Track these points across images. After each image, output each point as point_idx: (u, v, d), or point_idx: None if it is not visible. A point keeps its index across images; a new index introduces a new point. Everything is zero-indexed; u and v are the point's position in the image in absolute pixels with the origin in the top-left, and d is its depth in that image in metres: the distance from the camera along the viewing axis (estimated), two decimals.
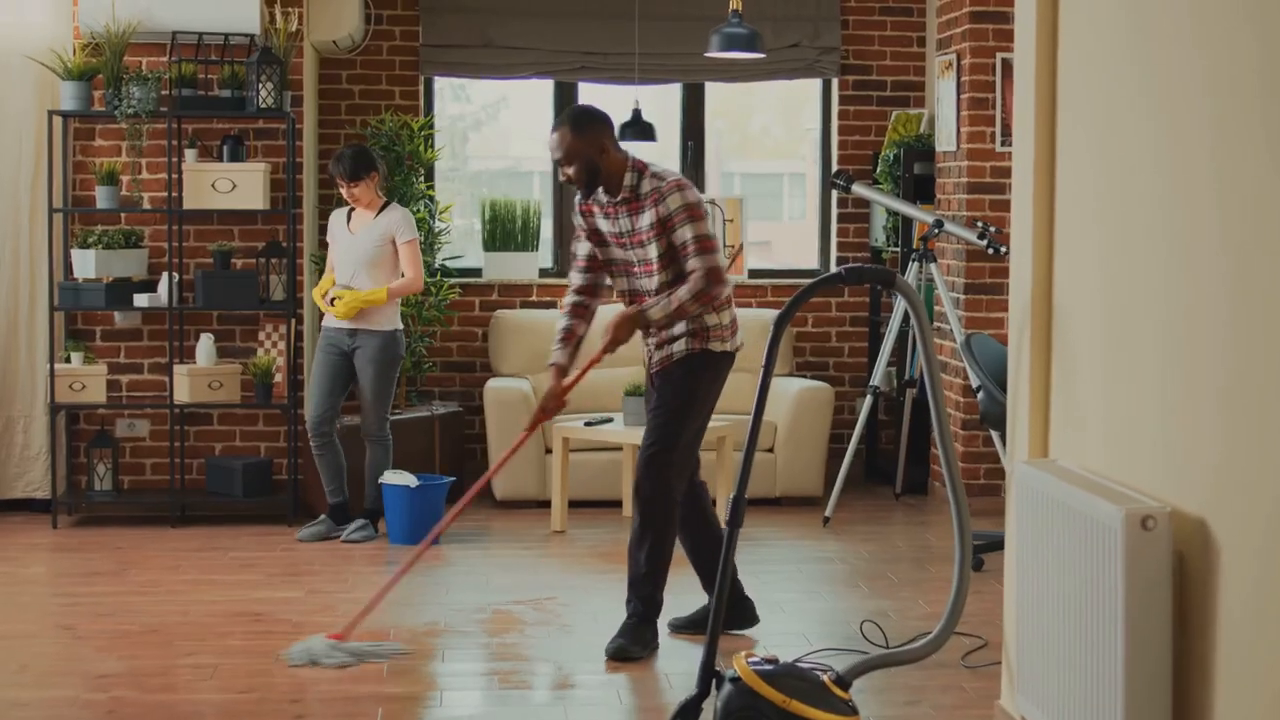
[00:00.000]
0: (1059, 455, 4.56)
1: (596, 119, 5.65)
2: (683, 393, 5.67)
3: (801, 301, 4.69)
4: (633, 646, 5.62)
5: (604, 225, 5.73)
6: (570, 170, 5.62)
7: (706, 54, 7.86)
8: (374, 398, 7.39)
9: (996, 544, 7.21)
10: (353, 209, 7.41)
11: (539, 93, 9.39)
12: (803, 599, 6.59)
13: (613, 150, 5.62)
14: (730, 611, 5.82)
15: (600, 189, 5.65)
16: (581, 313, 5.82)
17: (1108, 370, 4.18)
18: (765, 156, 10.62)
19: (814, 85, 9.46)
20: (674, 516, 5.70)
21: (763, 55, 7.92)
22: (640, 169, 5.64)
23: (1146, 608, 3.71)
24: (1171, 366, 3.78)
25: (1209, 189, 3.60)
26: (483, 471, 8.60)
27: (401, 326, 7.54)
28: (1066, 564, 4.08)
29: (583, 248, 5.83)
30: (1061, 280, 4.57)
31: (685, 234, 5.54)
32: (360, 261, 7.32)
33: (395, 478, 7.44)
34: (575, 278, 5.86)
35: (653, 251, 5.59)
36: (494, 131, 9.75)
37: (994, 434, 7.86)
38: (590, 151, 5.58)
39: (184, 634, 5.90)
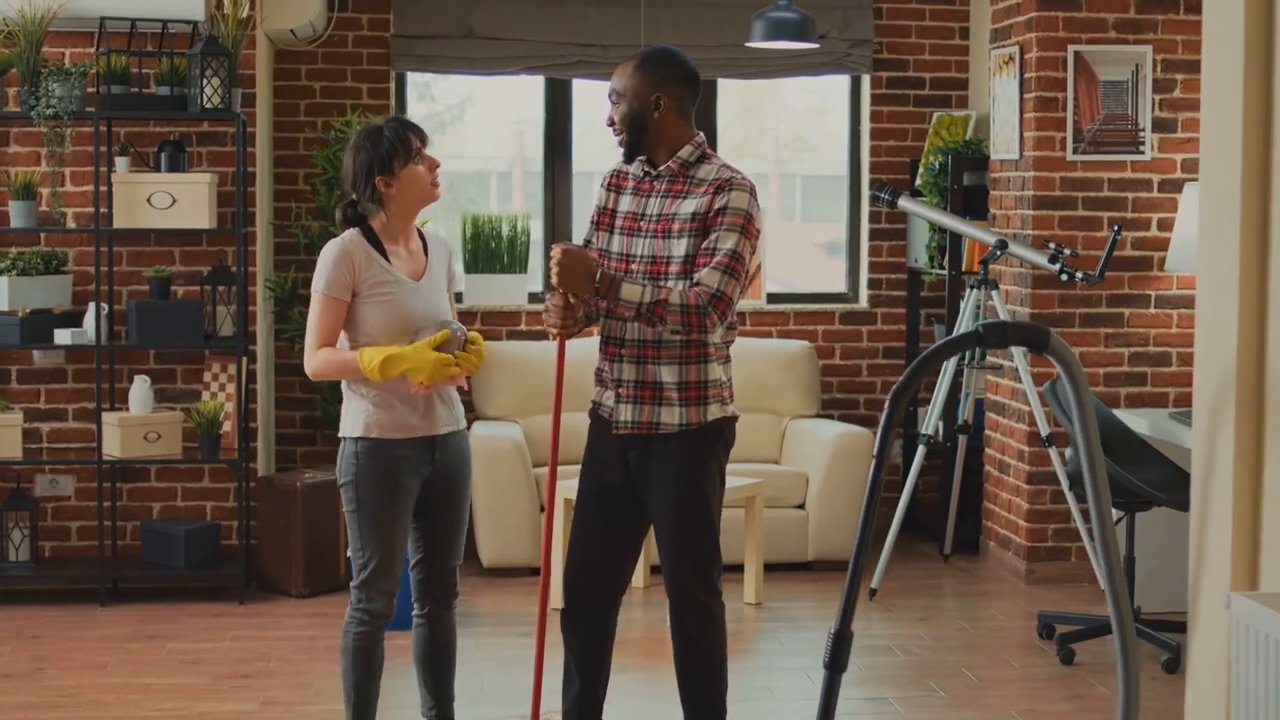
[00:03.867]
0: (1273, 582, 3.39)
1: (674, 65, 4.40)
2: (698, 494, 4.41)
3: (927, 369, 3.50)
4: None
5: (624, 204, 4.47)
6: (616, 112, 4.41)
7: (749, 43, 6.66)
8: (462, 531, 4.76)
9: (1096, 629, 6.07)
10: (377, 243, 4.52)
11: (518, 90, 8.17)
12: (871, 712, 5.41)
13: (674, 112, 4.38)
14: None
15: (643, 158, 4.43)
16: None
17: None
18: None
19: (796, 83, 8.29)
20: (725, 648, 4.54)
21: (815, 45, 6.73)
22: (706, 153, 4.44)
23: None
24: None
25: None
26: (471, 537, 7.35)
27: None
28: None
29: (588, 233, 4.59)
30: (1278, 344, 3.40)
31: (725, 241, 4.28)
32: (435, 313, 4.60)
33: None
34: None
35: (679, 248, 4.33)
36: (457, 134, 8.48)
37: (1073, 507, 6.71)
38: (645, 97, 4.35)
39: None
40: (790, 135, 8.79)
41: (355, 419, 4.50)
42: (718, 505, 4.49)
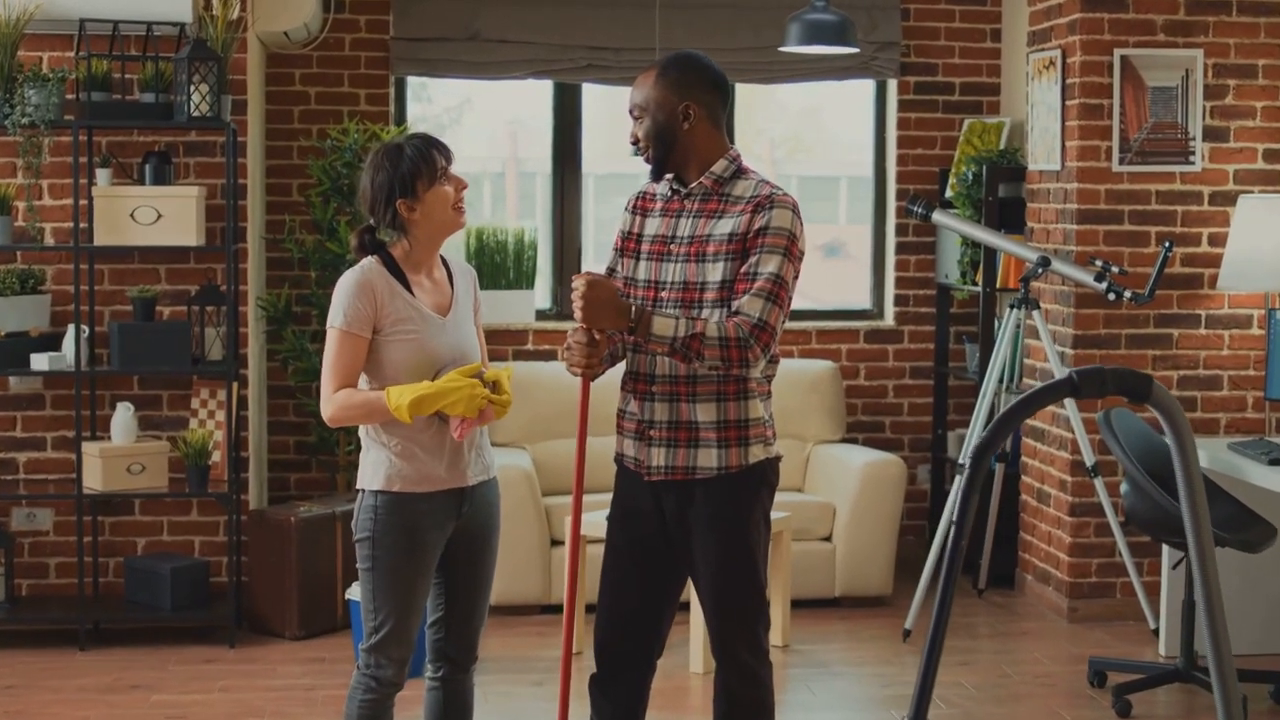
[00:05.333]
0: None
1: (701, 69, 3.96)
2: (742, 546, 3.97)
3: (1015, 423, 3.07)
4: None
5: (651, 226, 4.02)
6: (639, 128, 3.95)
7: (783, 48, 6.21)
8: (487, 590, 4.29)
9: (1155, 678, 5.64)
10: (399, 273, 4.06)
11: (517, 91, 7.73)
12: None
13: (705, 121, 3.93)
14: None
15: (670, 175, 3.99)
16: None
17: None
18: None
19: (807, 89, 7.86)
20: (773, 713, 4.11)
21: (855, 50, 6.29)
22: (742, 167, 3.98)
23: None
24: None
25: None
26: None
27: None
28: None
29: (612, 260, 4.12)
30: None
31: (768, 265, 3.82)
32: (463, 350, 4.14)
33: None
34: None
35: (715, 272, 3.87)
36: (453, 137, 8.01)
37: (1120, 541, 6.29)
38: (672, 107, 3.90)
39: None
40: (785, 135, 8.37)
41: (375, 470, 4.03)
42: (763, 557, 4.05)
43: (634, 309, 3.84)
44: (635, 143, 3.99)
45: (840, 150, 8.46)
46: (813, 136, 8.53)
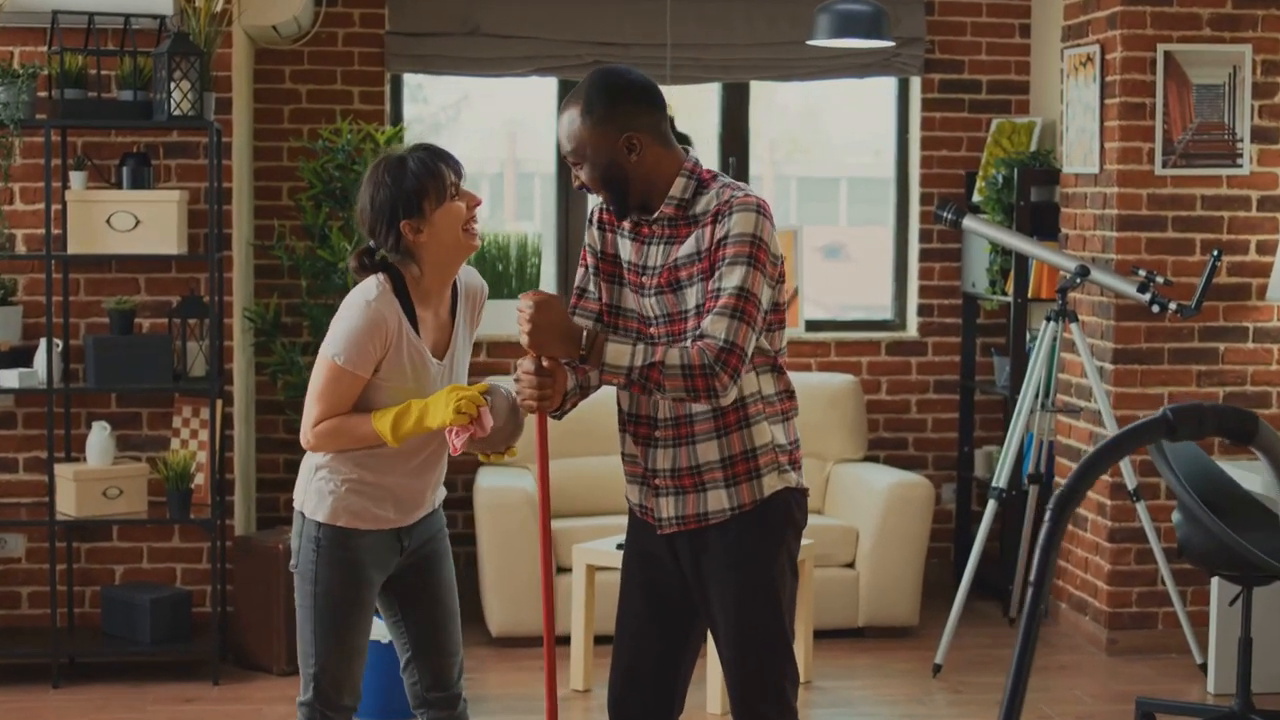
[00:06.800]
0: None
1: (628, 94, 3.48)
2: (764, 593, 3.57)
3: (1102, 468, 2.66)
4: None
5: (626, 250, 3.60)
6: (582, 174, 3.52)
7: (810, 41, 5.80)
8: (457, 615, 3.98)
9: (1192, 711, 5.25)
10: (409, 304, 3.69)
11: (516, 89, 7.33)
12: None
13: (654, 144, 3.49)
14: None
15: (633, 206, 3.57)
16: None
17: None
18: None
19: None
20: None
21: (890, 43, 5.87)
22: (703, 177, 3.53)
23: None
24: None
25: None
26: (477, 602, 6.52)
27: None
28: None
29: (581, 278, 3.70)
30: None
31: (732, 278, 3.39)
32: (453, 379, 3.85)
33: None
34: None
35: (692, 298, 3.48)
36: (450, 137, 7.62)
37: (1164, 569, 5.88)
38: (611, 146, 3.45)
39: None
40: (782, 137, 8.00)
41: (319, 499, 3.71)
42: (789, 605, 3.64)
43: (585, 335, 3.43)
44: (583, 188, 3.57)
45: (840, 152, 8.17)
46: (812, 137, 8.23)
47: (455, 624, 3.89)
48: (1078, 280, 6.03)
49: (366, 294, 3.62)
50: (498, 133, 7.66)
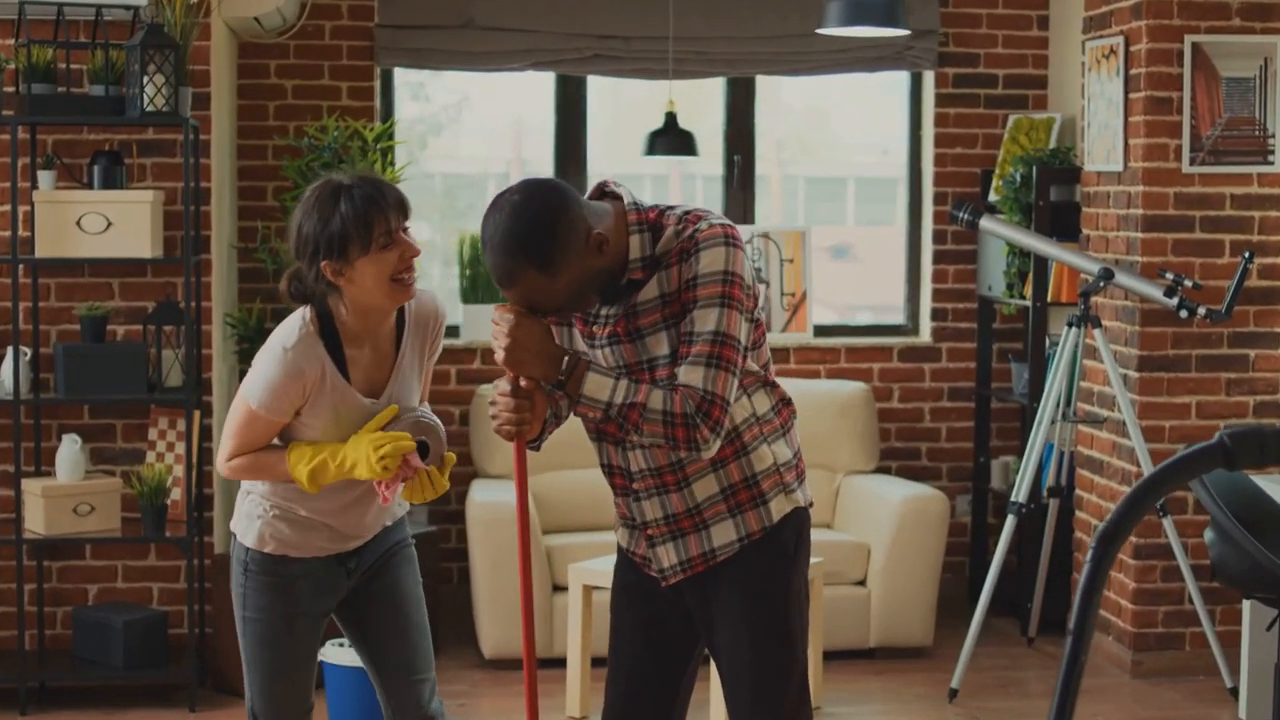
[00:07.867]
0: None
1: (562, 209, 3.06)
2: (778, 624, 3.30)
3: (1153, 499, 2.37)
4: None
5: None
6: (566, 308, 3.17)
7: (821, 30, 5.50)
8: (425, 632, 3.71)
9: None
10: (336, 344, 3.43)
11: (519, 86, 7.03)
12: None
13: (606, 224, 3.12)
14: None
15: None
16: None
17: None
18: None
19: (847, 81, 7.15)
20: None
21: (906, 31, 5.57)
22: (650, 219, 3.17)
23: None
24: None
25: None
26: (467, 615, 6.24)
27: None
28: None
29: None
30: None
31: (706, 322, 3.07)
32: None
33: (339, 654, 5.13)
34: None
35: (661, 345, 3.16)
36: (452, 135, 7.34)
37: (1192, 588, 5.57)
38: (579, 266, 3.08)
39: None
40: (789, 136, 7.73)
41: (249, 523, 3.52)
42: (801, 634, 3.35)
43: (567, 359, 3.12)
44: (577, 317, 3.25)
45: (847, 151, 7.97)
46: (818, 136, 8.01)
47: (422, 639, 3.63)
48: (1101, 283, 5.73)
49: (285, 340, 3.36)
50: (502, 132, 7.38)
